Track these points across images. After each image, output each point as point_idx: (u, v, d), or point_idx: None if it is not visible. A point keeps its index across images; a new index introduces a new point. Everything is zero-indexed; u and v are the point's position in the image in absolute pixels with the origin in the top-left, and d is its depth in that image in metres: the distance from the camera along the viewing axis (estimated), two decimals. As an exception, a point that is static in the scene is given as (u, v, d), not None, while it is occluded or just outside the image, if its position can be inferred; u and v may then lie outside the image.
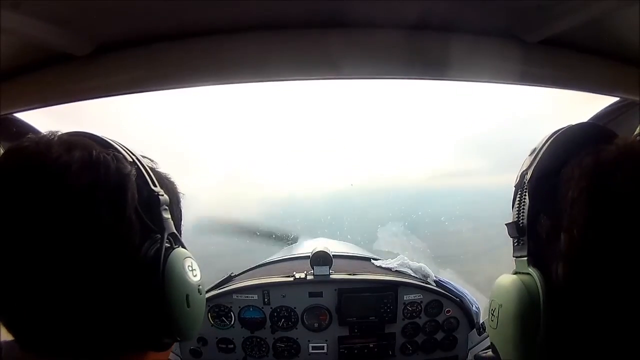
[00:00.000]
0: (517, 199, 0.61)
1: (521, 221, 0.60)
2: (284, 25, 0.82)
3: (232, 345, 1.74)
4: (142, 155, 0.65)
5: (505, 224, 0.62)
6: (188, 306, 0.58)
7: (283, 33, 0.83)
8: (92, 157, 0.53)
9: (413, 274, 1.87)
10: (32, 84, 0.91)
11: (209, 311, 1.71)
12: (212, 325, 1.72)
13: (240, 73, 0.86)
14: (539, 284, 0.54)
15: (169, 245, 0.59)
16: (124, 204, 0.54)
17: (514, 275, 0.59)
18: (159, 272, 0.55)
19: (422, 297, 1.76)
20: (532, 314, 0.54)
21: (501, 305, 0.60)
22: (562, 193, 0.53)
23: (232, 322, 1.72)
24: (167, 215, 0.61)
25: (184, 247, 0.63)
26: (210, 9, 0.78)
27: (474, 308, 1.80)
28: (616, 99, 1.07)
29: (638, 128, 1.00)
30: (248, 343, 1.74)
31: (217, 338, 1.73)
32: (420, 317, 1.77)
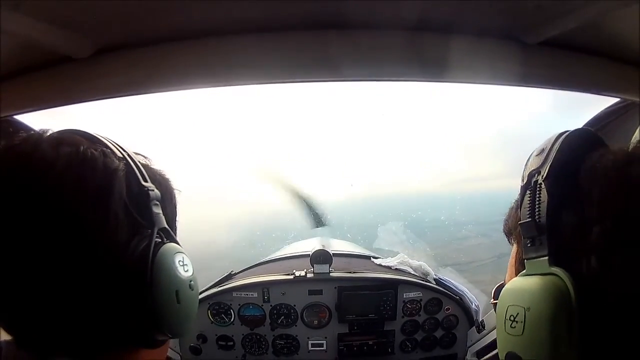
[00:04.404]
0: (529, 198, 0.59)
1: (538, 219, 0.57)
2: (281, 27, 0.82)
3: (231, 343, 1.75)
4: (135, 152, 0.64)
5: (519, 224, 0.59)
6: (178, 302, 0.58)
7: (281, 35, 0.83)
8: (78, 153, 0.54)
9: (413, 272, 1.89)
10: (32, 86, 0.91)
11: (208, 309, 1.73)
12: (212, 322, 1.74)
13: (239, 75, 0.86)
14: (568, 282, 0.52)
15: (159, 240, 0.58)
16: (110, 199, 0.54)
17: (536, 277, 0.56)
18: (148, 267, 0.55)
19: (421, 295, 1.77)
20: (565, 314, 0.52)
21: (528, 308, 0.56)
22: (587, 188, 0.53)
23: (231, 320, 1.74)
24: (157, 210, 0.60)
25: (176, 242, 0.62)
26: (210, 12, 0.77)
27: (473, 306, 1.81)
28: (616, 99, 1.07)
29: (638, 129, 0.99)
30: (248, 340, 1.76)
31: (216, 335, 1.75)
32: (419, 315, 1.78)
